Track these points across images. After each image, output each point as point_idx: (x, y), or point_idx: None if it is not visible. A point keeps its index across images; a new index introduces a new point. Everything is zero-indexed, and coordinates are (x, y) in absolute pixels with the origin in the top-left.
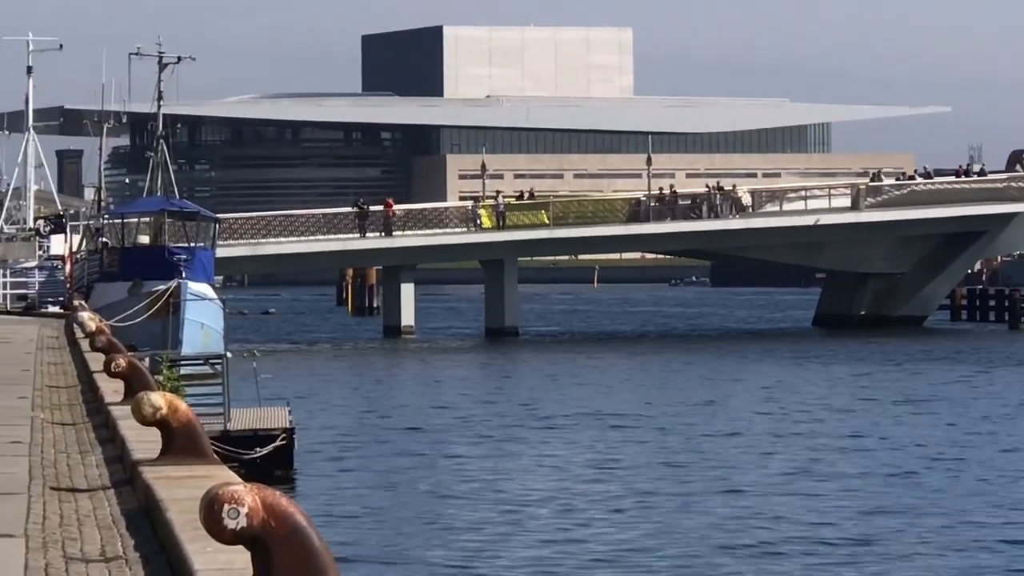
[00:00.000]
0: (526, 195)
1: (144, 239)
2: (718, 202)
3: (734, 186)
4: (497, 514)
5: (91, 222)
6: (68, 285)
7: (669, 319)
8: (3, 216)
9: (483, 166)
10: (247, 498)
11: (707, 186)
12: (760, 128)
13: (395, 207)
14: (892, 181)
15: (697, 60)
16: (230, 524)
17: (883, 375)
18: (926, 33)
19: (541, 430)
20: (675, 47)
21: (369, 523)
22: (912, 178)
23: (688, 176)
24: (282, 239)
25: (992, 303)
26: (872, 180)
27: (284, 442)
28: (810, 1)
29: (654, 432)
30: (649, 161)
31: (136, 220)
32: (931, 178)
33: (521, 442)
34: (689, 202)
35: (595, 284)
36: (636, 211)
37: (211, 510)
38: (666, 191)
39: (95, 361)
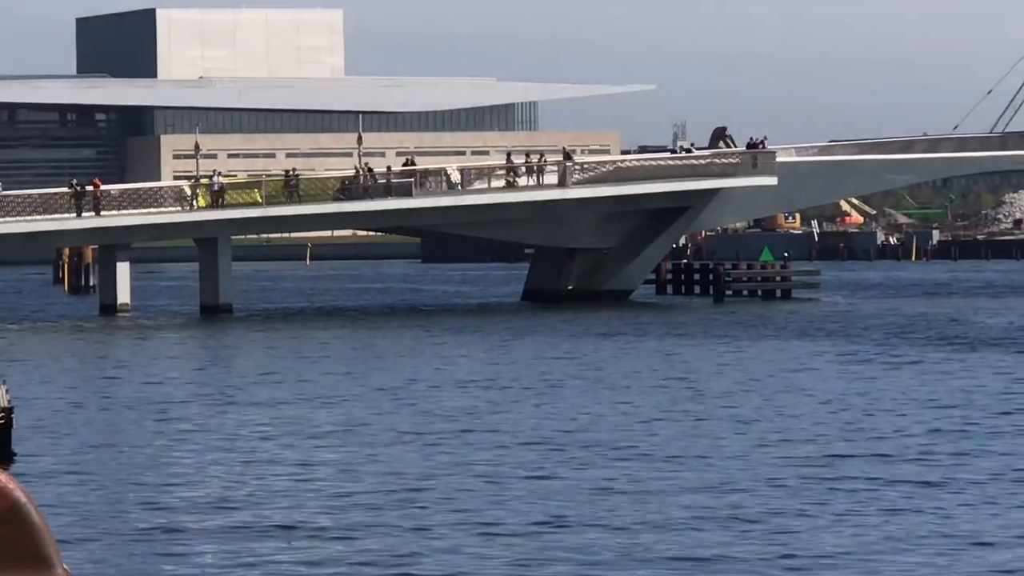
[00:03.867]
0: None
1: None
2: (367, 183)
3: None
4: (217, 483)
5: None
6: None
7: (383, 295)
8: None
9: (197, 146)
10: None
11: (356, 168)
12: (468, 107)
13: (109, 187)
14: (593, 158)
15: (409, 40)
16: None
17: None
18: (631, 9)
19: (248, 405)
20: (387, 27)
21: (91, 500)
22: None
23: (398, 154)
24: None
25: (697, 277)
26: (564, 157)
27: (2, 421)
28: None
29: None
30: (360, 140)
31: None
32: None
33: (231, 413)
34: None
35: (308, 261)
36: (348, 189)
37: None
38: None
39: None
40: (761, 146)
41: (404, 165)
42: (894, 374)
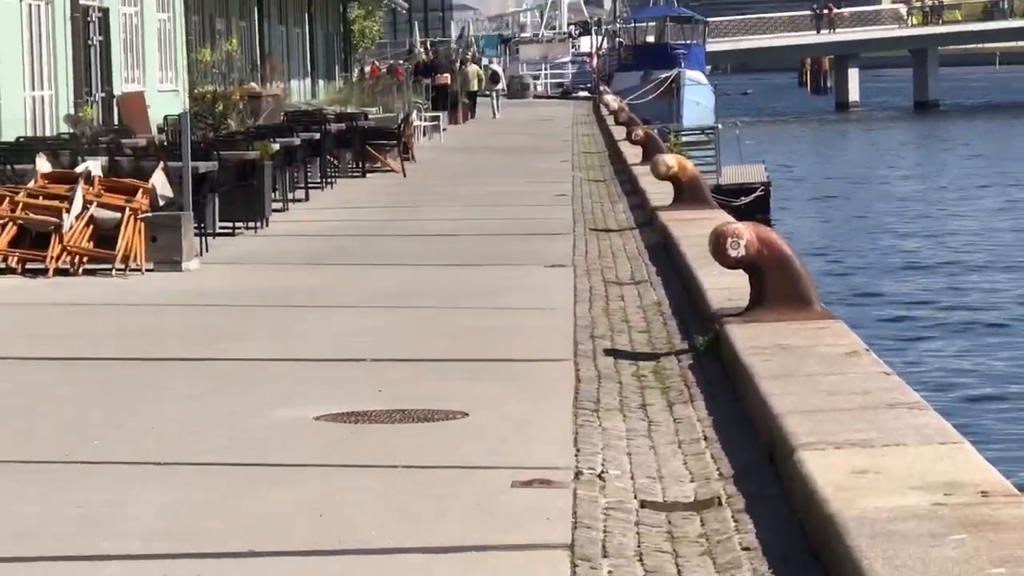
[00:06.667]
0: None
1: (651, 39)
2: None
3: None
4: (940, 248)
5: (610, 26)
6: (594, 75)
7: None
8: (544, 23)
9: None
10: (745, 233)
11: None
12: None
13: (843, 10)
14: None
15: None
16: (732, 253)
17: None
18: None
19: (964, 185)
20: None
21: (838, 256)
22: None
23: None
24: (755, 36)
25: None
26: None
27: (762, 192)
28: None
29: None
30: None
31: (645, 24)
32: None
33: (951, 192)
34: None
35: (997, 66)
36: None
37: (717, 242)
38: None
39: (618, 132)
40: None
41: None
42: None
